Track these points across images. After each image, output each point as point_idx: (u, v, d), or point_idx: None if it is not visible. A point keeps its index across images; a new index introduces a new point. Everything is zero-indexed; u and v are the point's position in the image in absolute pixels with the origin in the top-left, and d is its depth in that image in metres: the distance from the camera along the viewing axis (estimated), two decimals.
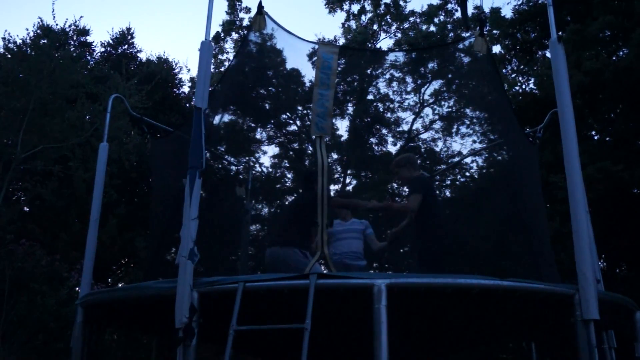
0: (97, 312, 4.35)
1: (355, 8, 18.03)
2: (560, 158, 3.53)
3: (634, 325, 4.03)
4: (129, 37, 14.54)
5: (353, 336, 4.34)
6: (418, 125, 14.31)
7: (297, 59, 6.43)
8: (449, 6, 17.05)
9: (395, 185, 13.12)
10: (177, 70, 14.79)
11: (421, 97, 13.77)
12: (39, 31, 11.00)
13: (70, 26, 13.00)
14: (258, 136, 13.65)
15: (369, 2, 17.83)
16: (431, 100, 13.77)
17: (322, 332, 3.56)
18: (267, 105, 12.33)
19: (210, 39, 3.85)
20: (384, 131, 13.85)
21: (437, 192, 11.64)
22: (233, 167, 10.44)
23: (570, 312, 3.23)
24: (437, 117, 13.85)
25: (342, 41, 17.43)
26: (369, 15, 17.95)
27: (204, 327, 3.22)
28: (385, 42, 28.16)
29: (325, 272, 4.03)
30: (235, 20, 17.98)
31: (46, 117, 9.19)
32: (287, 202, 13.13)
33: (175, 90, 14.62)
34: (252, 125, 13.04)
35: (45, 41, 9.98)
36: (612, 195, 9.07)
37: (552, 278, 4.41)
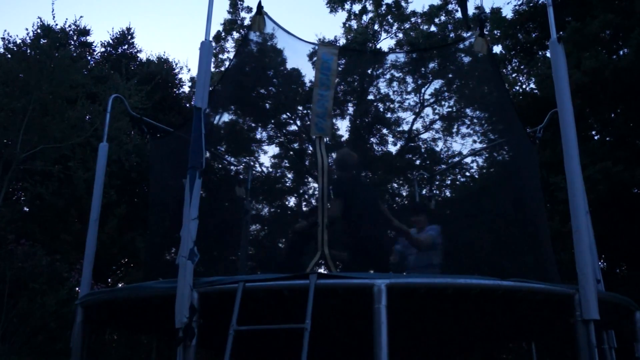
0: (97, 312, 4.35)
1: (357, 8, 18.03)
2: (560, 158, 3.53)
3: (634, 325, 4.03)
4: (129, 37, 14.54)
5: (353, 336, 4.34)
6: (418, 125, 14.31)
7: (298, 59, 6.44)
8: (450, 6, 17.07)
9: (395, 185, 13.11)
10: (177, 71, 14.79)
11: (421, 97, 13.76)
12: (39, 31, 11.00)
13: (70, 26, 13.04)
14: (258, 136, 13.62)
15: (371, 2, 17.82)
16: (432, 100, 13.76)
17: (323, 331, 3.55)
18: (267, 105, 12.32)
19: (211, 38, 3.85)
20: (385, 131, 13.84)
21: (438, 192, 11.66)
22: (233, 167, 10.44)
23: (571, 312, 3.24)
24: (437, 117, 13.84)
25: (342, 41, 17.43)
26: (370, 15, 17.95)
27: (204, 327, 3.22)
28: (386, 42, 28.19)
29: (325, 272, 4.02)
30: (237, 19, 17.96)
31: (46, 117, 9.19)
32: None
33: (175, 90, 14.62)
34: (252, 125, 13.02)
35: (45, 41, 9.98)
36: (612, 196, 9.06)
37: (552, 278, 4.41)
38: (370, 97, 13.42)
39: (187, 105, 14.16)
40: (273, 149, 14.08)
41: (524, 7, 12.39)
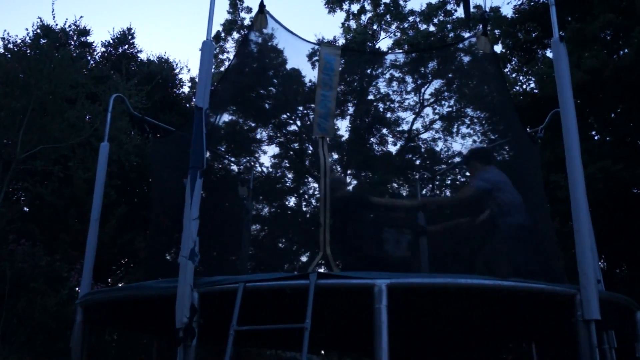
0: (97, 312, 4.35)
1: (355, 8, 18.04)
2: (560, 158, 3.53)
3: (635, 325, 4.02)
4: (130, 37, 14.53)
5: (354, 335, 4.34)
6: (418, 125, 14.32)
7: (298, 59, 6.44)
8: (449, 6, 17.08)
9: (395, 185, 13.11)
10: (177, 71, 14.80)
11: (421, 97, 13.77)
12: (38, 31, 11.01)
13: (70, 26, 13.04)
14: (258, 136, 13.65)
15: (369, 1, 17.83)
16: (432, 100, 13.77)
17: (323, 331, 3.56)
18: (267, 105, 12.33)
19: (211, 38, 3.84)
20: (384, 131, 13.84)
21: (438, 192, 11.64)
22: (234, 168, 10.45)
23: (571, 312, 3.23)
24: (437, 116, 13.86)
25: (341, 41, 17.44)
26: (369, 14, 17.96)
27: (205, 327, 3.22)
28: (385, 42, 28.19)
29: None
30: (237, 19, 17.96)
31: (46, 117, 9.19)
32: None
33: (175, 90, 14.62)
34: (253, 125, 13.04)
35: (45, 41, 9.98)
36: (612, 195, 9.06)
37: (558, 278, 4.39)
38: (370, 97, 13.43)
39: (188, 105, 14.17)
40: (273, 149, 14.11)
41: (524, 7, 12.39)
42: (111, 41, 14.34)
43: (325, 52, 4.99)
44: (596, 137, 10.98)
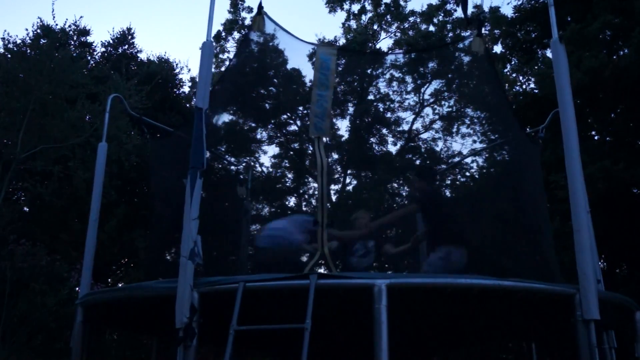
0: (97, 312, 4.35)
1: (356, 8, 18.03)
2: (560, 158, 3.53)
3: (634, 325, 4.02)
4: (130, 37, 14.53)
5: (354, 335, 4.34)
6: (418, 125, 14.32)
7: (298, 59, 6.44)
8: (448, 6, 17.07)
9: (395, 185, 13.12)
10: (177, 71, 14.78)
11: (421, 97, 13.77)
12: (38, 31, 11.01)
13: (70, 26, 13.04)
14: (258, 136, 13.66)
15: (369, 1, 17.82)
16: (431, 100, 13.78)
17: (323, 331, 3.55)
18: (267, 105, 12.34)
19: (211, 38, 3.84)
20: (384, 131, 13.85)
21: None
22: (233, 167, 10.44)
23: (571, 312, 3.23)
24: (437, 117, 13.86)
25: (342, 41, 17.42)
26: (369, 15, 17.95)
27: (204, 327, 3.22)
28: (385, 42, 28.20)
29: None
30: (237, 19, 17.94)
31: (46, 117, 9.20)
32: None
33: (175, 90, 14.61)
34: (253, 125, 13.05)
35: (45, 41, 9.98)
36: (612, 195, 9.05)
37: (555, 278, 4.39)
38: (370, 97, 13.44)
39: (187, 105, 14.16)
40: (273, 149, 14.11)
41: (524, 6, 12.37)
42: (111, 41, 14.34)
43: (321, 52, 5.00)
44: (596, 137, 10.97)
